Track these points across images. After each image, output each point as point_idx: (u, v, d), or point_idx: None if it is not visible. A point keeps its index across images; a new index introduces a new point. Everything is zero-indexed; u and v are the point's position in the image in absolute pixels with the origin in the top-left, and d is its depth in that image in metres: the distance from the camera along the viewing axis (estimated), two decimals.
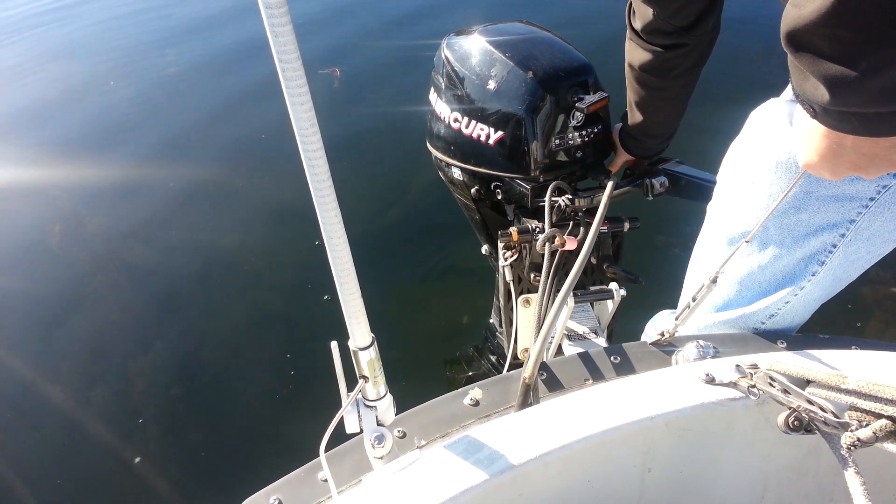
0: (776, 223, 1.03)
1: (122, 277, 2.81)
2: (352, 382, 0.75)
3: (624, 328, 1.57)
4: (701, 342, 0.95)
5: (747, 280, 1.12)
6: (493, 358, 1.98)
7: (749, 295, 1.13)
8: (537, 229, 1.43)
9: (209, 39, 4.74)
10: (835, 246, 1.01)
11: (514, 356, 1.50)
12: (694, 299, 0.95)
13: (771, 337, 1.03)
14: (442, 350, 2.41)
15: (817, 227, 1.00)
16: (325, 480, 0.79)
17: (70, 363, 2.45)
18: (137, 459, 2.12)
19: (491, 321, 1.93)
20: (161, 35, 4.87)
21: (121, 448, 2.17)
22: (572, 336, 1.46)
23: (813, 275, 1.05)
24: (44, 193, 3.37)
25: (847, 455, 0.60)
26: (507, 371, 1.21)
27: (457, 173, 1.59)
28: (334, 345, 0.72)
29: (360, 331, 0.70)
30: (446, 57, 1.53)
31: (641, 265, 1.69)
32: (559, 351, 1.42)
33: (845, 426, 0.60)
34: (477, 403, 0.93)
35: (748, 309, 1.13)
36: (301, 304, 2.60)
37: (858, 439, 0.57)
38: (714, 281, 0.92)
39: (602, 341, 1.45)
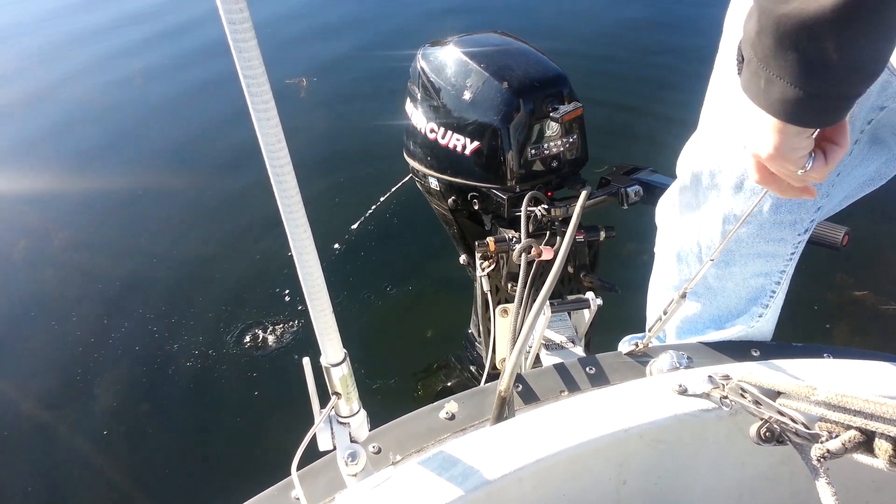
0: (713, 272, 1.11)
1: (88, 290, 2.73)
2: (325, 399, 0.74)
3: (602, 337, 1.57)
4: (674, 352, 0.95)
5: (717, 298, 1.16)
6: (472, 368, 1.97)
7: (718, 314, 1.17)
8: (514, 239, 1.43)
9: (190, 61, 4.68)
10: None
11: (493, 366, 1.50)
12: (665, 312, 0.96)
13: (744, 345, 1.04)
14: (419, 362, 2.38)
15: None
16: (298, 499, 0.77)
17: (34, 379, 2.38)
18: (103, 478, 2.07)
19: (470, 331, 1.93)
20: (127, 44, 4.76)
21: (85, 465, 2.11)
22: (550, 346, 1.46)
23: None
24: (8, 204, 3.30)
25: (818, 465, 0.60)
26: (486, 381, 1.21)
27: (434, 183, 1.58)
28: (306, 361, 0.71)
29: (331, 347, 0.69)
30: (422, 68, 1.53)
31: (618, 274, 1.69)
32: (537, 360, 1.41)
33: (815, 437, 0.60)
34: (453, 417, 0.92)
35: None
36: (275, 316, 2.56)
37: (828, 451, 0.57)
38: (683, 296, 0.93)
39: (580, 350, 1.45)
